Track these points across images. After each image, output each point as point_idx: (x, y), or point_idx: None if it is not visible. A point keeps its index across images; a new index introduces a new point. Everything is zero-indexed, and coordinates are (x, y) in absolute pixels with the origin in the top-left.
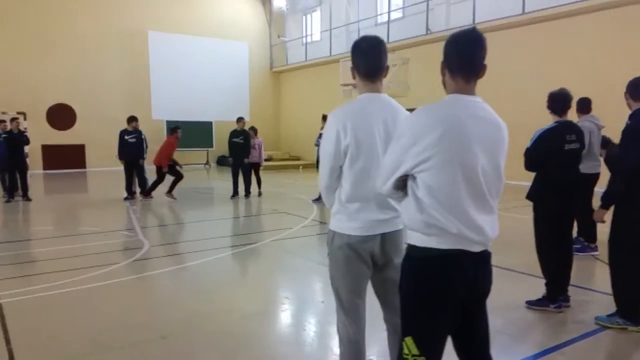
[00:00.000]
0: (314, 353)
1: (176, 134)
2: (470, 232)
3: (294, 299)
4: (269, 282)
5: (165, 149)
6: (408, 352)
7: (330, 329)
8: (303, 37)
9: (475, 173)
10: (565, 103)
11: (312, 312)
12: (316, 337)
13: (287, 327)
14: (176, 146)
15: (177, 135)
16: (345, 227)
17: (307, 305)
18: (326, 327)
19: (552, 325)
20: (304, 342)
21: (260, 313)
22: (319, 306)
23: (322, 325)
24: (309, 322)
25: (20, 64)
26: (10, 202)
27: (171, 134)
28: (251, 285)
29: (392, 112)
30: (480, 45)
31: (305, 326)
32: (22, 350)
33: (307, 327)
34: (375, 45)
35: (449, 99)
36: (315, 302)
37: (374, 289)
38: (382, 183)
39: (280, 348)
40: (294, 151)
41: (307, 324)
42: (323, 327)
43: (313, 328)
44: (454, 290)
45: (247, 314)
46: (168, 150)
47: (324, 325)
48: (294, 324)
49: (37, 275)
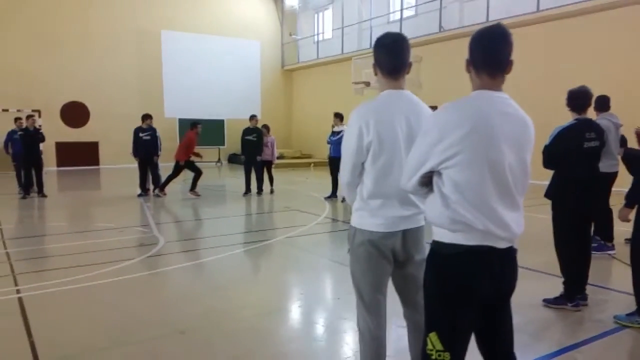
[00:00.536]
0: (330, 349)
1: (196, 129)
2: (496, 229)
3: (309, 296)
4: (283, 279)
5: (186, 144)
6: (432, 347)
7: (346, 325)
8: (315, 35)
9: (502, 169)
10: (584, 101)
11: (328, 309)
12: (332, 334)
13: (303, 324)
14: (196, 141)
15: (197, 131)
16: (367, 223)
17: (322, 302)
18: (342, 323)
19: (570, 324)
20: (321, 338)
21: (276, 310)
22: (335, 303)
23: (338, 322)
24: (325, 319)
25: (35, 62)
26: (26, 198)
27: (191, 129)
28: (266, 282)
29: (414, 109)
30: (505, 41)
31: (321, 323)
32: (43, 344)
33: (323, 324)
34: (399, 41)
35: (475, 95)
36: (331, 299)
37: (395, 285)
38: (407, 179)
39: (296, 345)
40: (305, 149)
41: (323, 321)
42: (339, 324)
43: (329, 325)
44: (480, 287)
45: (263, 310)
46: (188, 144)
47: (339, 322)
48: (310, 321)
49: (54, 270)
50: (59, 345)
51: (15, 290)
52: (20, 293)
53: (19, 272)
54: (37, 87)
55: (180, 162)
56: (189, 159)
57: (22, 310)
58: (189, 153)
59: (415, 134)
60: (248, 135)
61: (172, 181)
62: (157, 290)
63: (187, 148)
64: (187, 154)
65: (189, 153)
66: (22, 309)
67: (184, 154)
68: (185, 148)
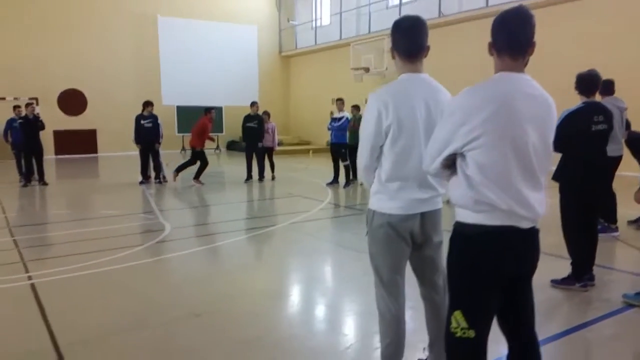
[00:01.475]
0: (341, 332)
1: (210, 115)
2: (520, 209)
3: (319, 280)
4: (291, 264)
5: (198, 130)
6: (457, 325)
7: (355, 308)
8: (313, 21)
9: (526, 150)
10: (593, 84)
11: (337, 293)
12: (343, 317)
13: (314, 307)
14: (210, 127)
15: (211, 116)
16: (385, 206)
17: (331, 286)
18: (352, 306)
19: (578, 304)
20: (332, 321)
21: (286, 293)
22: (344, 286)
23: (348, 304)
24: (335, 302)
25: (31, 50)
26: (27, 186)
27: (205, 114)
28: (275, 267)
29: (433, 92)
30: (527, 22)
31: (331, 306)
32: (60, 329)
33: (334, 307)
34: (417, 24)
35: (498, 77)
36: (340, 283)
37: (412, 266)
38: (430, 162)
39: (309, 327)
40: (303, 136)
41: (333, 304)
42: (349, 306)
43: (339, 308)
44: (504, 266)
45: (274, 294)
46: (201, 130)
47: (349, 304)
48: (320, 304)
49: (63, 257)
50: (76, 330)
51: (27, 277)
52: (32, 280)
53: (28, 259)
54: (33, 75)
55: (197, 149)
56: (203, 146)
57: (36, 296)
58: (204, 139)
59: (433, 117)
60: (249, 122)
61: (186, 168)
62: (169, 275)
63: (202, 134)
64: (202, 140)
65: (204, 139)
66: (36, 295)
67: (199, 140)
68: (199, 134)
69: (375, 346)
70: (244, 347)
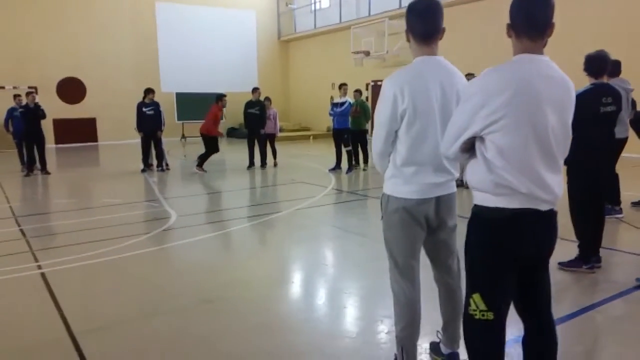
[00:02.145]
0: (355, 316)
1: (221, 103)
2: (539, 191)
3: (329, 265)
4: (300, 250)
5: (211, 117)
6: (476, 308)
7: (367, 291)
8: (312, 4)
9: (545, 132)
10: (602, 65)
11: (348, 277)
12: (355, 300)
13: (326, 291)
14: (221, 114)
15: (222, 104)
16: (400, 190)
17: (341, 270)
18: (364, 291)
19: (586, 286)
20: (345, 305)
21: (298, 279)
22: (354, 270)
23: (360, 288)
24: (347, 286)
25: (29, 38)
26: (29, 175)
27: (216, 102)
28: (283, 253)
29: (448, 75)
30: (545, 3)
31: (344, 290)
32: (74, 317)
33: (346, 291)
34: (432, 6)
35: (517, 59)
36: (350, 267)
37: (425, 250)
38: (449, 146)
39: (322, 311)
40: (304, 122)
41: (346, 288)
42: (361, 290)
43: (352, 291)
44: (523, 248)
45: (283, 280)
46: (214, 118)
47: (361, 288)
48: (332, 288)
49: (71, 246)
50: (90, 318)
51: (37, 266)
52: (42, 269)
53: (37, 249)
54: (32, 64)
55: (211, 134)
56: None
57: (47, 285)
58: (216, 126)
59: (449, 100)
60: (251, 108)
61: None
62: (177, 262)
63: (213, 121)
64: (215, 127)
65: (216, 126)
66: (47, 284)
67: (215, 127)
68: (214, 122)
69: (387, 330)
70: (257, 332)
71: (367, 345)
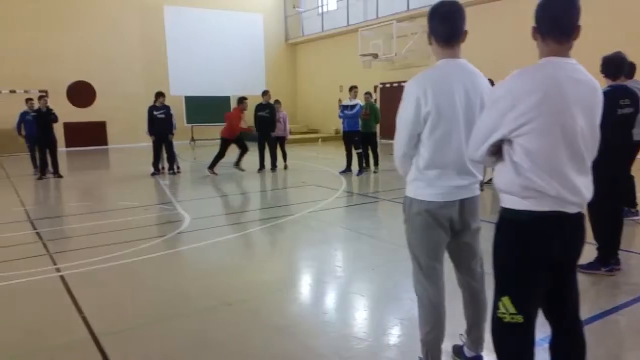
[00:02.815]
0: (377, 319)
1: (243, 105)
2: (568, 194)
3: (345, 267)
4: (317, 252)
5: (233, 120)
6: (505, 311)
7: (385, 294)
8: (319, 7)
9: (574, 135)
10: (619, 67)
11: (365, 279)
12: (374, 303)
13: (343, 294)
14: (242, 118)
15: (244, 107)
16: (424, 193)
17: (358, 273)
18: (382, 292)
19: (605, 288)
20: (364, 307)
21: (315, 281)
22: (371, 274)
23: (378, 291)
24: (364, 289)
25: (40, 43)
26: (42, 179)
27: (238, 105)
28: (300, 255)
29: (471, 77)
30: (572, 6)
31: (361, 292)
32: (96, 320)
33: (363, 293)
34: (455, 10)
35: (544, 62)
36: (366, 270)
37: (449, 253)
38: (476, 148)
39: (340, 314)
40: (311, 124)
41: (363, 290)
42: (379, 293)
43: (369, 294)
44: (552, 251)
45: (301, 282)
46: (236, 121)
47: (379, 291)
48: (349, 291)
49: (88, 249)
50: (111, 320)
51: (55, 268)
52: (61, 272)
53: (54, 252)
54: (42, 67)
55: (235, 135)
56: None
57: (67, 288)
58: (236, 129)
59: (472, 102)
60: (261, 111)
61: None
62: (195, 265)
63: (236, 124)
64: (238, 130)
65: (236, 129)
66: (67, 287)
67: (236, 129)
68: (235, 125)
69: (411, 333)
70: (278, 335)
71: (386, 348)
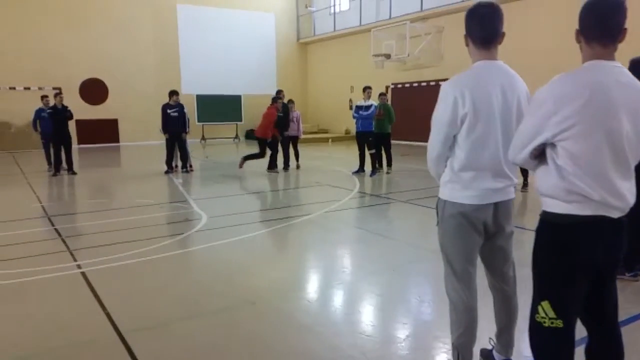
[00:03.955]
0: (401, 320)
1: (276, 104)
2: (612, 199)
3: (365, 268)
4: (334, 252)
5: (268, 119)
6: (545, 315)
7: (404, 296)
8: (331, 7)
9: (620, 139)
10: None
11: (384, 282)
12: (401, 305)
13: (365, 294)
14: (274, 116)
15: (278, 105)
16: (458, 196)
17: (379, 274)
18: (404, 294)
19: (632, 293)
20: (386, 308)
21: (336, 281)
22: (391, 275)
23: (401, 292)
24: (385, 290)
25: (53, 40)
26: (56, 175)
27: (272, 104)
28: (318, 255)
29: (508, 79)
30: (618, 8)
31: (381, 293)
32: (120, 317)
33: (384, 295)
34: (492, 11)
35: (589, 65)
36: (385, 271)
37: (481, 257)
38: (518, 152)
39: (361, 315)
40: (322, 124)
41: (383, 292)
42: (402, 294)
43: (390, 295)
44: (594, 256)
45: (323, 282)
46: (271, 120)
47: (402, 292)
48: (370, 291)
49: (107, 246)
50: (135, 317)
51: (76, 265)
52: (82, 268)
53: (74, 248)
54: (56, 65)
55: (267, 139)
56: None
57: (89, 285)
58: (271, 129)
59: (510, 105)
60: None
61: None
62: (215, 263)
63: (270, 123)
64: (272, 130)
65: (271, 129)
66: (89, 284)
67: (270, 129)
68: (269, 124)
69: (435, 334)
70: (302, 333)
71: (414, 350)
